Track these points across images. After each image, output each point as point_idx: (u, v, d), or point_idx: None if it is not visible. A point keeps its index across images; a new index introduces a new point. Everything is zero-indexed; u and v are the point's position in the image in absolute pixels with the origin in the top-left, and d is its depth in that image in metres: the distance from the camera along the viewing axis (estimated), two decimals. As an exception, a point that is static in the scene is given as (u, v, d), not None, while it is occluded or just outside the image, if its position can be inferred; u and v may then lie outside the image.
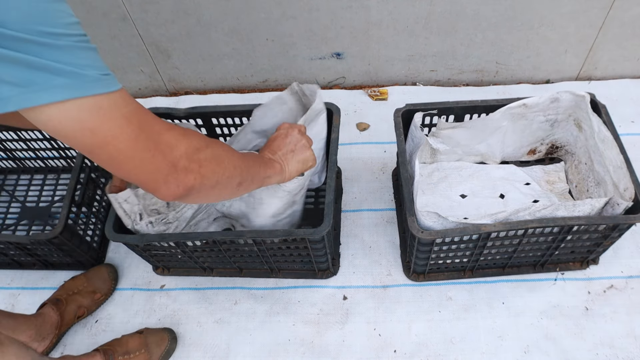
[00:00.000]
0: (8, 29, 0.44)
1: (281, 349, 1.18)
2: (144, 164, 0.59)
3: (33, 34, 0.45)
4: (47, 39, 0.47)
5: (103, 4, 1.43)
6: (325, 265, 1.23)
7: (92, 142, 0.54)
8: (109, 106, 0.53)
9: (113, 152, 0.56)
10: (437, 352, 1.15)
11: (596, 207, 1.02)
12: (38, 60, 0.46)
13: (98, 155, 0.56)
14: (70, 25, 0.49)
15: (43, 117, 0.50)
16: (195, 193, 0.66)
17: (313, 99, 1.14)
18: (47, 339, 1.16)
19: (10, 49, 0.45)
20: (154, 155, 0.60)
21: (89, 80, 0.50)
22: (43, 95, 0.48)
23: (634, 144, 1.43)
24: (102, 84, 0.52)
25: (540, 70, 1.63)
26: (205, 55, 1.62)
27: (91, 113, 0.52)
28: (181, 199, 0.66)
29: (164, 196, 0.64)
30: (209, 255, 1.17)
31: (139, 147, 0.58)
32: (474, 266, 1.20)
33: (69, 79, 0.49)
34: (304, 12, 1.45)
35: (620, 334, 1.14)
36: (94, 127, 0.53)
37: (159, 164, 0.61)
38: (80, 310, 1.22)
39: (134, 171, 0.60)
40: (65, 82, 0.49)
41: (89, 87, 0.50)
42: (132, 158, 0.58)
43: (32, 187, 1.51)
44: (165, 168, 0.62)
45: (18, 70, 0.46)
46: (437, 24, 1.48)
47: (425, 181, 1.36)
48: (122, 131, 0.55)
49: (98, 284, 1.26)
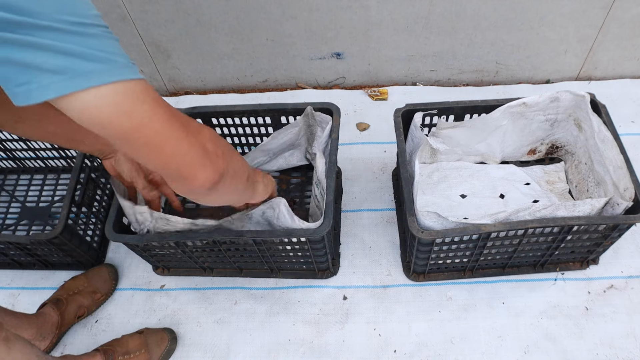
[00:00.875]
0: (43, 20, 0.46)
1: (281, 349, 1.18)
2: (180, 145, 0.59)
3: (66, 24, 0.47)
4: (79, 28, 0.48)
5: (103, 4, 1.43)
6: (325, 265, 1.23)
7: (129, 125, 0.54)
8: (140, 90, 0.54)
9: (150, 134, 0.56)
10: (437, 352, 1.15)
11: (596, 207, 1.02)
12: (73, 48, 0.48)
13: (136, 140, 0.55)
14: (96, 17, 0.51)
15: (78, 105, 0.50)
16: (223, 181, 0.66)
17: (322, 126, 1.17)
18: (47, 339, 1.16)
19: (46, 39, 0.46)
20: (187, 135, 0.59)
21: (121, 66, 0.52)
22: (81, 81, 0.49)
23: (634, 144, 1.43)
24: (133, 70, 0.53)
25: (540, 70, 1.63)
26: (205, 55, 1.62)
27: (126, 96, 0.52)
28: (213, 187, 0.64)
29: (202, 182, 0.63)
30: (209, 255, 1.17)
31: (174, 127, 0.58)
32: (474, 266, 1.20)
33: (103, 64, 0.50)
34: (304, 12, 1.45)
35: (620, 334, 1.14)
36: (131, 110, 0.53)
37: (193, 145, 0.60)
38: (80, 310, 1.22)
39: (171, 154, 0.59)
40: (100, 67, 0.50)
41: (122, 72, 0.52)
42: (168, 138, 0.57)
43: (32, 187, 1.51)
44: (200, 149, 0.61)
45: (55, 59, 0.47)
46: (437, 24, 1.48)
47: (425, 181, 1.36)
48: (156, 112, 0.56)
49: (98, 284, 1.26)
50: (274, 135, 1.26)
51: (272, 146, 1.30)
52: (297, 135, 1.28)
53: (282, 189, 1.41)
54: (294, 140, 1.30)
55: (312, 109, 1.18)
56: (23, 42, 0.46)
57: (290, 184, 1.42)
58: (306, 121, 1.23)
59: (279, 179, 1.42)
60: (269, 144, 1.29)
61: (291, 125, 1.25)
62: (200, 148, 0.61)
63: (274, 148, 1.31)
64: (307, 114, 1.20)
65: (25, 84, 0.48)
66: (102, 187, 1.35)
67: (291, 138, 1.29)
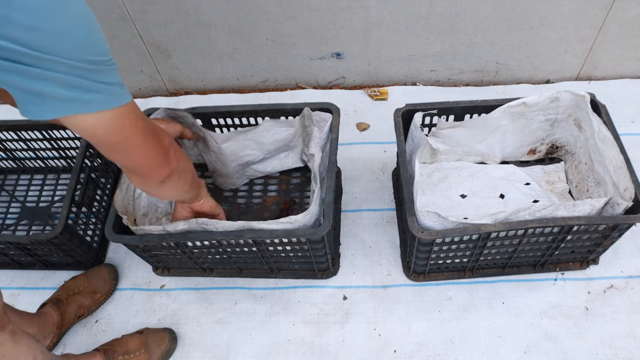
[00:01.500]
0: (60, 57, 0.56)
1: (281, 349, 1.18)
2: (149, 151, 0.74)
3: (78, 62, 0.58)
4: (88, 65, 0.59)
5: (103, 4, 1.43)
6: (325, 266, 1.23)
7: (117, 139, 0.69)
8: (128, 112, 0.68)
9: (130, 145, 0.71)
10: (437, 352, 1.15)
11: (596, 207, 1.02)
12: (81, 82, 0.60)
13: (117, 149, 0.71)
14: (106, 52, 0.63)
15: (79, 123, 0.63)
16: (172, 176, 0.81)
17: (320, 125, 1.16)
18: (47, 338, 1.16)
19: (60, 73, 0.57)
20: (154, 142, 0.75)
21: (116, 95, 0.65)
22: (84, 108, 0.62)
23: (634, 144, 1.43)
24: (125, 97, 0.67)
25: (540, 70, 1.63)
26: (205, 55, 1.62)
27: (119, 119, 0.67)
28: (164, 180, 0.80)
29: (158, 177, 0.79)
30: (208, 254, 1.17)
31: (148, 137, 0.73)
32: (474, 266, 1.20)
33: (103, 94, 0.63)
34: (304, 12, 1.45)
35: (620, 334, 1.14)
36: (120, 129, 0.68)
37: (159, 150, 0.76)
38: (80, 310, 1.22)
39: (140, 157, 0.74)
40: (100, 97, 0.62)
41: (117, 100, 0.65)
42: (142, 146, 0.73)
43: (32, 187, 1.51)
44: (162, 153, 0.77)
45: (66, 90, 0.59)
46: (437, 24, 1.48)
47: (425, 181, 1.36)
48: (137, 127, 0.70)
49: (98, 284, 1.26)
50: (266, 127, 1.23)
51: (266, 140, 1.27)
52: (293, 136, 1.28)
53: (282, 189, 1.41)
54: (288, 141, 1.29)
55: (309, 110, 1.18)
56: (42, 75, 0.56)
57: (290, 184, 1.42)
58: (302, 122, 1.23)
59: (279, 179, 1.42)
60: (262, 135, 1.26)
61: (287, 122, 1.23)
62: (163, 152, 0.78)
63: (268, 143, 1.28)
64: (303, 115, 1.20)
65: (39, 104, 0.59)
66: (102, 187, 1.35)
67: (286, 138, 1.28)
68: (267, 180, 1.43)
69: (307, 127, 1.24)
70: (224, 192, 1.41)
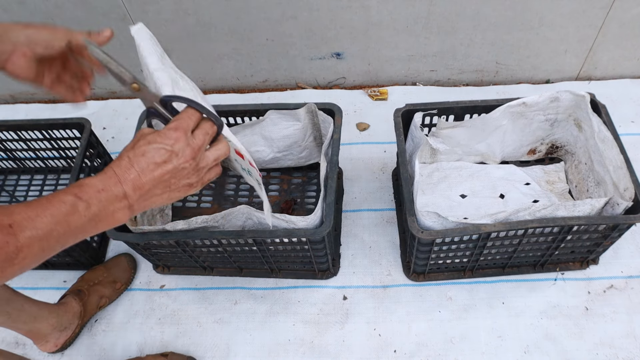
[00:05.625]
0: None
1: (281, 349, 1.18)
2: None
3: None
4: None
5: (103, 4, 1.43)
6: (325, 266, 1.23)
7: None
8: None
9: None
10: (437, 352, 1.15)
11: (596, 207, 1.02)
12: None
13: None
14: None
15: None
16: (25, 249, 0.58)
17: (324, 125, 1.17)
18: (69, 329, 1.17)
19: None
20: None
21: None
22: None
23: (634, 144, 1.43)
24: None
25: (540, 70, 1.63)
26: (205, 55, 1.62)
27: None
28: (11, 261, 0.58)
29: None
30: (208, 253, 1.17)
31: None
32: (474, 266, 1.20)
33: None
34: (304, 12, 1.45)
35: (620, 334, 1.14)
36: None
37: None
38: (102, 301, 1.23)
39: None
40: None
41: None
42: None
43: (32, 187, 1.51)
44: None
45: None
46: (437, 24, 1.48)
47: (425, 181, 1.36)
48: None
49: (118, 274, 1.27)
50: (272, 119, 1.21)
51: (274, 135, 1.26)
52: (303, 134, 1.26)
53: (283, 189, 1.41)
54: (299, 138, 1.28)
55: (314, 105, 1.16)
56: None
57: (291, 184, 1.42)
58: (311, 119, 1.22)
59: (280, 179, 1.43)
60: (269, 130, 1.24)
61: (293, 116, 1.21)
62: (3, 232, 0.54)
63: (277, 139, 1.27)
64: (310, 111, 1.18)
65: None
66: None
67: (294, 134, 1.26)
68: (268, 180, 1.43)
69: (317, 123, 1.22)
70: (225, 191, 1.41)
